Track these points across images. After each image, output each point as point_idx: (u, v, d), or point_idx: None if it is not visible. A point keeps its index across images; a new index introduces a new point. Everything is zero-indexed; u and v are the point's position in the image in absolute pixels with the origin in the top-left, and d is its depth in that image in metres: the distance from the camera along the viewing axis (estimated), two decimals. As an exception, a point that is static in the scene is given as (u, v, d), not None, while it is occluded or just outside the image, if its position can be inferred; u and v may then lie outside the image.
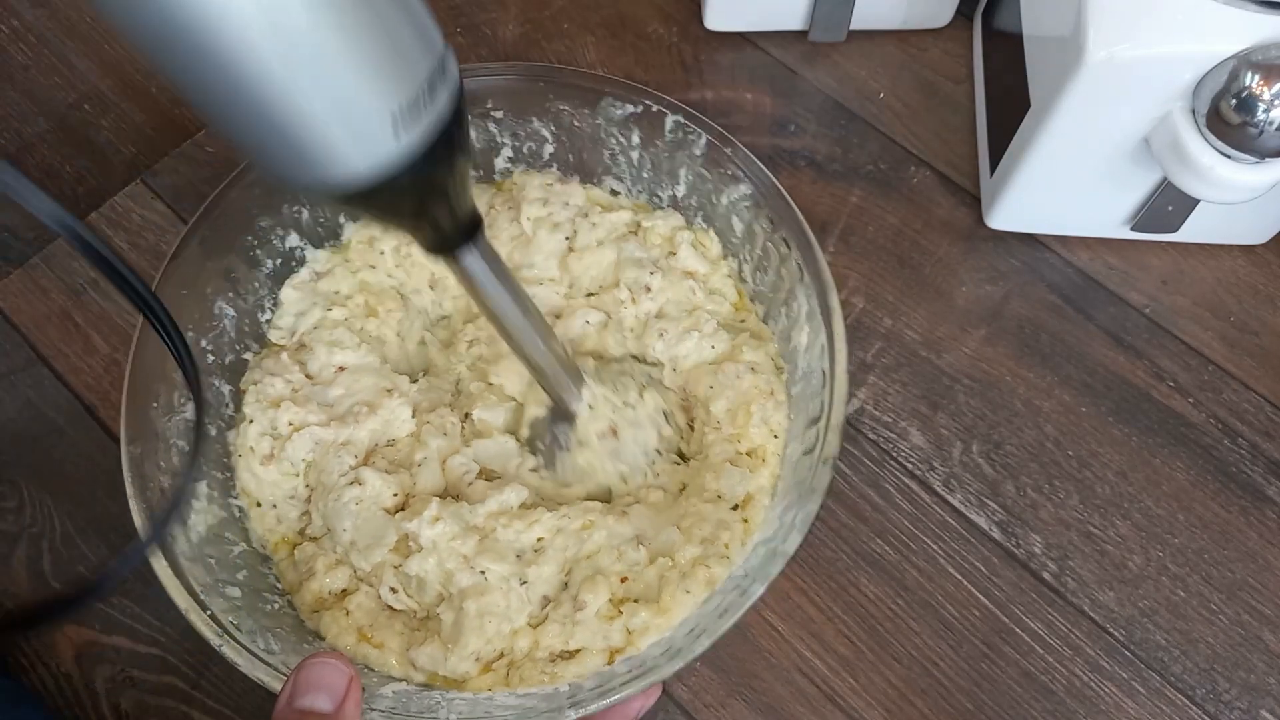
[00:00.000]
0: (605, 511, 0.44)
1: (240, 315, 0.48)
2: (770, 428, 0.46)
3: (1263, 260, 0.57)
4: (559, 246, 0.50)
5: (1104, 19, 0.44)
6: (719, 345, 0.48)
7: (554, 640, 0.41)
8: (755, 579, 0.39)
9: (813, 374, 0.44)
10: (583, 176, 0.53)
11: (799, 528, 0.39)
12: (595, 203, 0.52)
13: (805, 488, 0.40)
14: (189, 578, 0.39)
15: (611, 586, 0.42)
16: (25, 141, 0.65)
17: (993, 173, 0.56)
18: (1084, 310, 0.56)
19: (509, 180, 0.53)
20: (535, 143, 0.52)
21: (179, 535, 0.41)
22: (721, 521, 0.43)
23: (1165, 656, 0.48)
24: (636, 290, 0.49)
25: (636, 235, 0.51)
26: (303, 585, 0.44)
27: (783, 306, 0.48)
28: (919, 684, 0.47)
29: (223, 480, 0.45)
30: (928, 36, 0.64)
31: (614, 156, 0.52)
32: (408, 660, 0.42)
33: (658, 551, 0.43)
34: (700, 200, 0.51)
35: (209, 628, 0.38)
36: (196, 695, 0.47)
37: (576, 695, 0.39)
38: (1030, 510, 0.51)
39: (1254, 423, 0.53)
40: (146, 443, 0.42)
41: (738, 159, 0.48)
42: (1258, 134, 0.43)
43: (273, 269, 0.50)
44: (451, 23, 0.66)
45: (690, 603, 0.41)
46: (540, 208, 0.51)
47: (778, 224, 0.47)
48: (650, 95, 0.49)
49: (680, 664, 0.38)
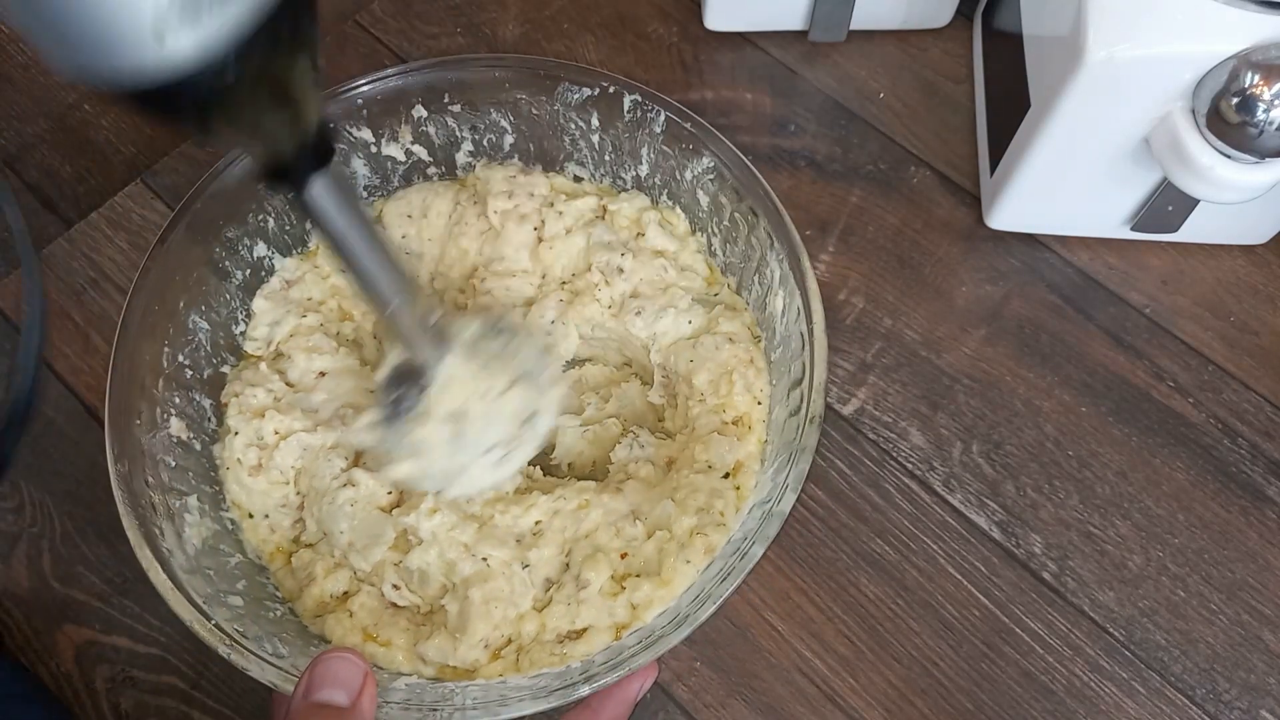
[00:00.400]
0: (600, 490, 0.45)
1: (214, 328, 0.48)
2: (753, 395, 0.46)
3: (1263, 260, 0.57)
4: (528, 238, 0.50)
5: (1104, 19, 0.44)
6: (695, 320, 0.49)
7: (560, 621, 0.42)
8: (754, 541, 0.39)
9: (791, 338, 0.45)
10: (545, 165, 0.53)
11: (792, 487, 0.40)
12: (560, 191, 0.52)
13: (795, 447, 0.41)
14: (189, 590, 0.39)
15: (612, 563, 0.43)
16: (25, 141, 0.65)
17: (993, 173, 0.56)
18: (1084, 310, 0.56)
19: (472, 175, 0.53)
20: (495, 134, 0.52)
21: (175, 549, 0.41)
22: (714, 490, 0.44)
23: (1165, 656, 0.48)
24: (609, 273, 0.49)
25: (604, 219, 0.51)
26: (303, 591, 0.44)
27: (754, 275, 0.48)
28: (919, 684, 0.47)
29: (212, 494, 0.45)
30: (928, 36, 0.64)
31: (574, 142, 0.52)
32: (416, 655, 0.42)
33: (654, 525, 0.43)
34: (664, 178, 0.51)
35: (215, 636, 0.38)
36: (196, 695, 0.47)
37: (589, 670, 0.39)
38: (1030, 510, 0.51)
39: (1254, 423, 0.53)
40: (133, 460, 0.42)
41: (698, 132, 0.47)
42: (1258, 134, 0.43)
43: (243, 280, 0.49)
44: (451, 23, 0.66)
45: (691, 572, 0.42)
46: (506, 200, 0.51)
47: (743, 193, 0.47)
48: (606, 76, 0.49)
49: (689, 629, 0.38)
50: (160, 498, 0.42)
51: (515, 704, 0.38)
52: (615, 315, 0.49)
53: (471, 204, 0.51)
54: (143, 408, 0.43)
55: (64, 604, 0.49)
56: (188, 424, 0.45)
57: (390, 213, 0.52)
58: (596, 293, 0.49)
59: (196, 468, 0.45)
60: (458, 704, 0.38)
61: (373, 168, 0.52)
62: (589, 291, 0.49)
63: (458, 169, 0.54)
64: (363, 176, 0.52)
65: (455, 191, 0.53)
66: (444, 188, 0.53)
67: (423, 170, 0.53)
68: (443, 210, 0.52)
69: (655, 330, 0.49)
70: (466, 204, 0.52)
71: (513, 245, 0.50)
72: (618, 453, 0.47)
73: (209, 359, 0.47)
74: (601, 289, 0.49)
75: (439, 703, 0.38)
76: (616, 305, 0.49)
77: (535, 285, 0.50)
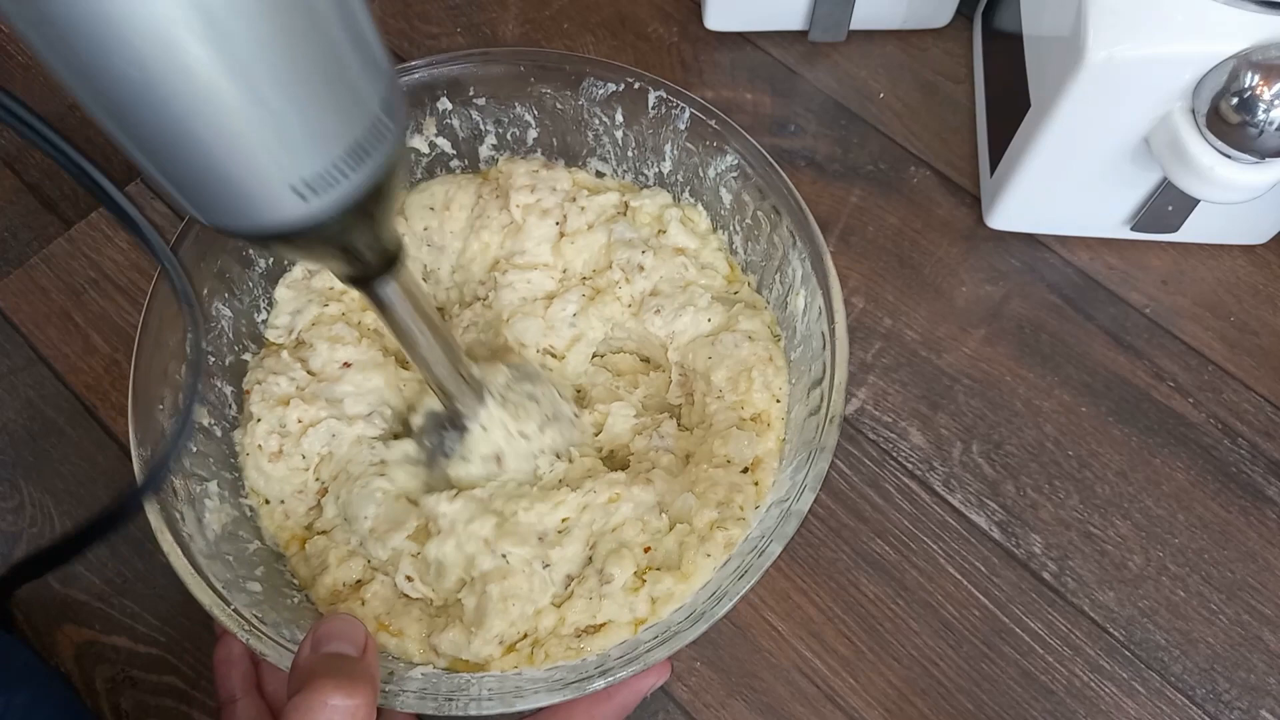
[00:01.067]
0: (630, 482, 0.44)
1: (237, 316, 0.48)
2: (772, 393, 0.46)
3: (1263, 260, 0.57)
4: (550, 232, 0.51)
5: (1104, 19, 0.44)
6: (715, 318, 0.49)
7: (580, 616, 0.41)
8: (772, 539, 0.39)
9: (812, 337, 0.45)
10: (568, 160, 0.53)
11: (811, 486, 0.40)
12: (582, 185, 0.52)
13: (814, 446, 0.41)
14: (209, 575, 0.40)
15: (636, 557, 0.42)
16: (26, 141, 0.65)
17: (993, 173, 0.56)
18: (1084, 310, 0.56)
19: (494, 168, 0.53)
20: (519, 128, 0.52)
21: (196, 534, 0.41)
22: (733, 485, 0.44)
23: (1165, 656, 0.48)
24: (629, 271, 0.49)
25: (625, 215, 0.51)
26: (317, 579, 0.44)
27: (776, 274, 0.48)
28: (919, 684, 0.47)
29: (232, 480, 0.45)
30: (928, 36, 0.64)
31: (598, 137, 0.52)
32: (429, 646, 0.42)
33: (675, 518, 0.43)
34: (687, 175, 0.51)
35: (235, 622, 0.38)
36: (196, 695, 0.47)
37: (604, 664, 0.39)
38: (1030, 510, 0.51)
39: (1254, 423, 0.53)
40: (156, 445, 0.42)
41: (722, 130, 0.48)
42: (1258, 134, 0.43)
43: (265, 268, 0.50)
44: (451, 23, 0.66)
45: (710, 566, 0.42)
46: (528, 194, 0.51)
47: (766, 192, 0.47)
48: (631, 72, 0.49)
49: (705, 625, 0.38)
50: (181, 483, 0.42)
51: (531, 696, 0.38)
52: (635, 314, 0.49)
53: (494, 197, 0.52)
54: (165, 393, 0.43)
55: (64, 604, 0.49)
56: (209, 410, 0.46)
57: (413, 204, 0.52)
58: (617, 290, 0.49)
59: (217, 454, 0.45)
60: (473, 694, 0.39)
61: None
62: (610, 290, 0.49)
63: (481, 162, 0.54)
64: None
65: (478, 185, 0.53)
66: (467, 180, 0.53)
67: (446, 163, 0.53)
68: (465, 203, 0.52)
69: (674, 328, 0.49)
70: (489, 197, 0.52)
71: (534, 239, 0.50)
72: (637, 442, 0.47)
73: (230, 346, 0.48)
74: (622, 286, 0.49)
75: (455, 693, 0.39)
76: (636, 304, 0.50)
77: (556, 280, 0.51)
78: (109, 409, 0.53)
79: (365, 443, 0.46)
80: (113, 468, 0.52)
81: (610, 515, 0.43)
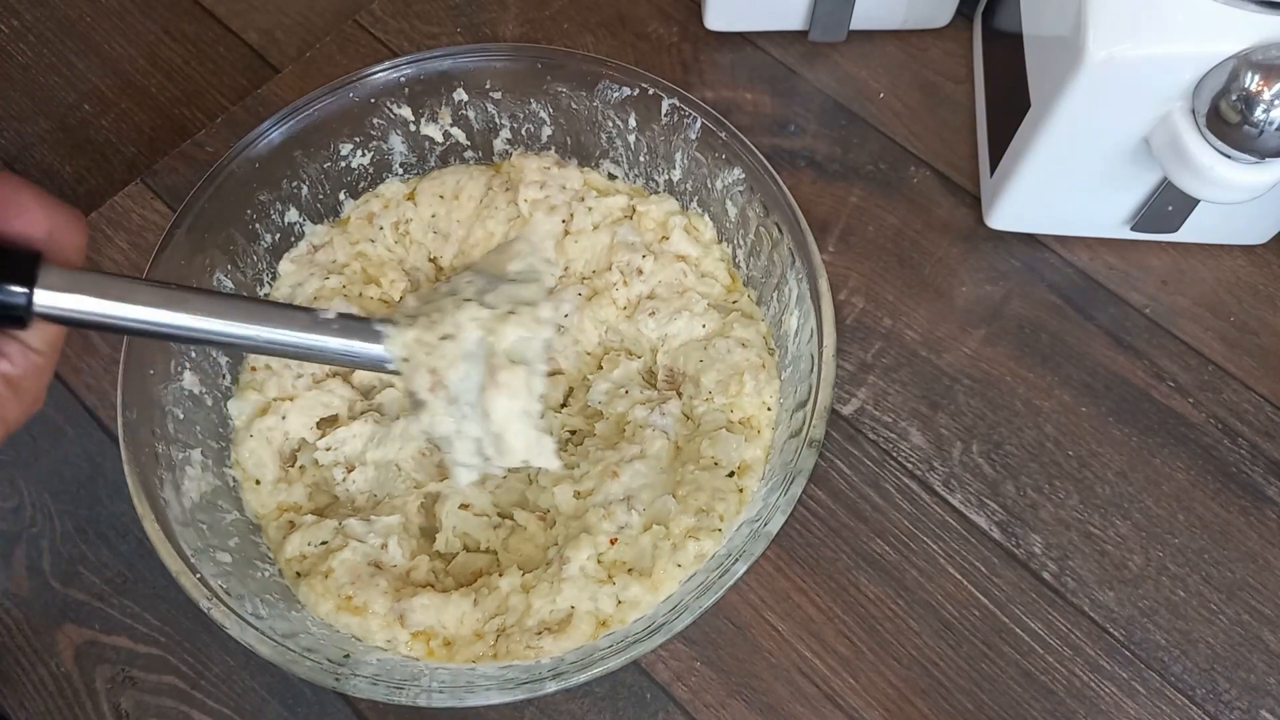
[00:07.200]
0: (621, 459, 0.45)
1: (238, 288, 0.49)
2: (763, 399, 0.47)
3: (1263, 260, 0.57)
4: (555, 228, 0.51)
5: (1104, 19, 0.44)
6: (709, 324, 0.49)
7: (543, 601, 0.42)
8: (738, 558, 0.40)
9: (801, 358, 0.45)
10: (581, 159, 0.54)
11: (782, 509, 0.40)
12: (592, 186, 0.53)
13: (790, 469, 0.41)
14: (180, 541, 0.40)
15: (598, 546, 0.43)
16: (25, 141, 0.65)
17: (993, 173, 0.56)
18: (1084, 310, 0.56)
19: (507, 162, 0.54)
20: (534, 124, 0.53)
21: (172, 500, 0.41)
22: (717, 490, 0.44)
23: (1165, 656, 0.48)
24: (628, 273, 0.50)
25: (630, 219, 0.52)
26: (285, 541, 0.44)
27: (774, 291, 0.48)
28: (919, 684, 0.47)
29: (217, 450, 0.46)
30: (928, 36, 0.64)
31: (611, 139, 0.52)
32: (394, 618, 0.42)
33: (653, 519, 0.44)
34: (695, 185, 0.51)
35: (198, 590, 0.39)
36: (196, 695, 0.47)
37: (558, 668, 0.40)
38: (1030, 510, 0.51)
39: (1254, 423, 0.53)
40: (141, 409, 0.43)
41: (732, 143, 0.48)
42: (1258, 134, 0.43)
43: (271, 243, 0.50)
44: (452, 22, 0.66)
45: (679, 577, 0.42)
46: (538, 190, 0.51)
47: (770, 209, 0.47)
48: (646, 78, 0.49)
49: (663, 638, 0.38)
50: (164, 449, 0.43)
51: (482, 692, 0.38)
52: (629, 316, 0.50)
53: (503, 190, 0.52)
54: (158, 359, 0.44)
55: (64, 604, 0.49)
56: (201, 378, 0.46)
57: (424, 191, 0.53)
58: (614, 293, 0.50)
59: (205, 422, 0.46)
60: (424, 685, 0.39)
61: (410, 145, 0.53)
62: (607, 292, 0.50)
63: (494, 155, 0.54)
64: (399, 154, 0.53)
65: (489, 176, 0.53)
66: (478, 171, 0.54)
67: (459, 154, 0.54)
68: (474, 193, 0.53)
69: (667, 331, 0.49)
70: (498, 189, 0.53)
71: (539, 234, 0.51)
72: (637, 412, 0.47)
73: None
74: (619, 289, 0.50)
75: (406, 681, 0.39)
76: (631, 306, 0.50)
77: (556, 276, 0.51)
78: (109, 409, 0.53)
79: (360, 417, 0.47)
80: (113, 468, 0.52)
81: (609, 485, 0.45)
